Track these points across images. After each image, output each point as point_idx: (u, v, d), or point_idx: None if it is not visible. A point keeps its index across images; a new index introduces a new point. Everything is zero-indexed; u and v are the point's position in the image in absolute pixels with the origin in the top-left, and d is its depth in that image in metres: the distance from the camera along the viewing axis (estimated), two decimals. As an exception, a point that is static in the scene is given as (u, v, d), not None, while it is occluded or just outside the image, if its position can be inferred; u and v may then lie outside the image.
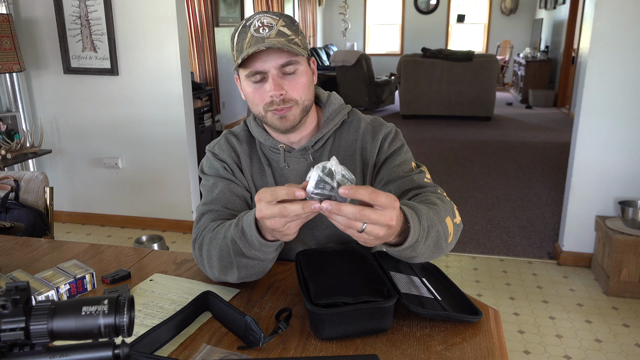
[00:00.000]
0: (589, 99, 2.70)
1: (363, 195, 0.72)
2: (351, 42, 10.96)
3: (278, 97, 1.03)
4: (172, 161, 3.36)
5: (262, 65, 1.01)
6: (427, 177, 1.11)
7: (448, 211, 0.98)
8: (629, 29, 2.57)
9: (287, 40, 1.00)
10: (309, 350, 0.86)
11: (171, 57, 3.15)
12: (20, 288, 0.48)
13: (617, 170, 2.76)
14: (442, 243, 0.93)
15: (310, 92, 1.09)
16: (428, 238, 0.88)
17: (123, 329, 0.50)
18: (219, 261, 0.99)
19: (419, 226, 0.85)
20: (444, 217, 0.95)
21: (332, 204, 0.73)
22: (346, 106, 1.20)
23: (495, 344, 0.87)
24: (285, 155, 1.15)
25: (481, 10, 10.49)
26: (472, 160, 5.15)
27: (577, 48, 7.05)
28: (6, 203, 1.85)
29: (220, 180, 1.15)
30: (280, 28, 1.01)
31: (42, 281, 1.04)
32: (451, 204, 1.02)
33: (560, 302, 2.57)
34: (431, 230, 0.89)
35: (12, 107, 3.34)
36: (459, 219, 1.03)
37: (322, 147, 1.16)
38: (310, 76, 1.09)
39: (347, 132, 1.18)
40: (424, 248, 0.88)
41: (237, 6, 6.72)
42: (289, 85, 1.04)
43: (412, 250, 0.87)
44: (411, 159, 1.16)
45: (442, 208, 0.97)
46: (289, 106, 1.05)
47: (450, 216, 0.98)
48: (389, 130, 1.17)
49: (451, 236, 0.97)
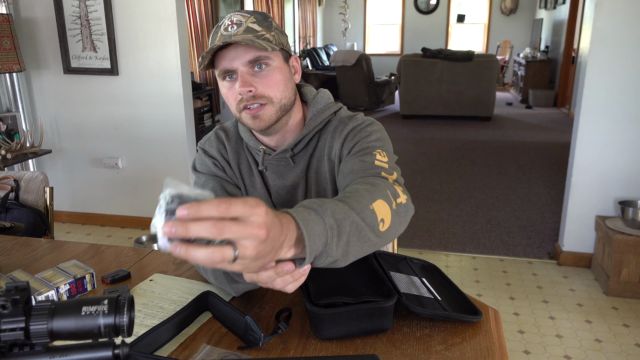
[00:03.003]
0: (589, 99, 2.70)
1: (209, 211, 0.54)
2: (351, 42, 10.96)
3: (246, 94, 0.98)
4: (172, 161, 3.36)
5: (230, 63, 0.97)
6: (377, 159, 0.98)
7: (379, 194, 0.82)
8: (629, 29, 2.57)
9: (255, 36, 0.95)
10: (309, 350, 0.86)
11: (171, 57, 3.15)
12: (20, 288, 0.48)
13: (617, 170, 2.76)
14: (367, 234, 0.76)
15: (287, 90, 1.03)
16: (342, 235, 0.71)
17: (123, 329, 0.50)
18: (215, 280, 1.03)
19: (323, 224, 0.68)
20: (369, 202, 0.79)
21: (180, 242, 0.54)
22: (334, 105, 1.12)
23: (495, 344, 0.87)
24: (265, 158, 1.11)
25: (481, 10, 10.49)
26: (472, 160, 5.15)
27: (577, 48, 7.05)
28: (6, 203, 1.85)
29: (211, 177, 1.13)
30: (250, 24, 0.97)
31: (42, 281, 1.04)
32: (391, 185, 0.88)
33: (560, 302, 2.57)
34: (343, 224, 0.72)
35: (12, 107, 3.34)
36: (404, 199, 0.88)
37: (304, 150, 1.11)
38: (286, 73, 1.03)
39: (327, 131, 1.10)
40: (340, 249, 0.71)
41: (237, 6, 6.72)
42: (260, 82, 0.98)
43: (327, 256, 0.69)
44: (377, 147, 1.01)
45: (369, 192, 0.82)
46: (262, 104, 0.99)
47: (383, 198, 0.82)
48: (358, 123, 1.06)
49: (386, 222, 0.80)
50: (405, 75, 7.02)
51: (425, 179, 4.52)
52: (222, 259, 0.55)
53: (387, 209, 0.81)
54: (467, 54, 6.88)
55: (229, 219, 0.54)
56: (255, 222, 0.56)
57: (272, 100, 1.00)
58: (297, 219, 0.65)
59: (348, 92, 7.85)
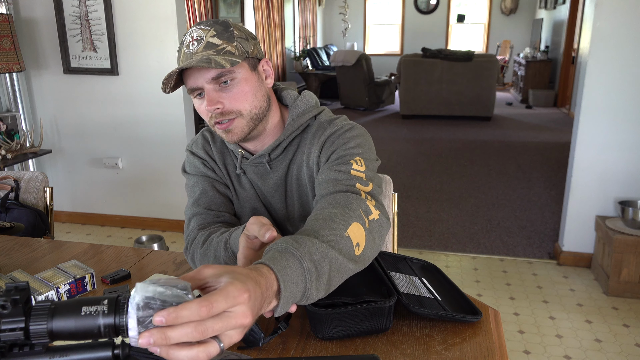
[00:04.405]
0: (589, 99, 2.70)
1: (191, 315, 0.51)
2: (351, 42, 10.96)
3: (214, 111, 0.97)
4: (172, 161, 3.35)
5: (195, 82, 0.96)
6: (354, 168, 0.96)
7: (352, 216, 0.84)
8: (629, 29, 2.57)
9: (215, 52, 0.94)
10: (309, 350, 0.86)
11: (171, 57, 3.15)
12: (20, 288, 0.48)
13: (617, 170, 2.76)
14: (345, 265, 0.78)
15: (257, 99, 1.01)
16: (321, 276, 0.72)
17: (123, 329, 0.50)
18: None
19: (302, 270, 0.69)
20: (344, 228, 0.81)
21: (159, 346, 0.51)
22: (315, 109, 1.08)
23: (495, 344, 0.87)
24: (242, 162, 1.10)
25: (481, 10, 10.49)
26: (472, 160, 5.15)
27: (577, 48, 7.05)
28: (6, 203, 1.85)
29: (201, 178, 1.13)
30: (210, 39, 0.95)
31: (42, 281, 1.04)
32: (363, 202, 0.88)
33: (560, 302, 2.57)
34: (322, 264, 0.73)
35: (12, 107, 3.34)
36: (377, 214, 0.88)
37: (282, 155, 1.08)
38: (254, 82, 1.00)
39: (306, 135, 1.08)
40: (321, 290, 0.73)
41: (237, 6, 6.72)
42: (227, 97, 0.97)
43: (307, 299, 0.71)
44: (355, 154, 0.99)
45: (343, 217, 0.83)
46: (232, 118, 0.99)
47: (357, 220, 0.83)
48: (337, 128, 1.03)
49: (361, 246, 0.82)
50: (405, 75, 7.02)
51: (425, 179, 4.52)
52: (207, 356, 0.52)
53: (361, 231, 0.83)
54: (467, 54, 6.88)
55: (209, 317, 0.52)
56: (239, 312, 0.54)
57: (242, 113, 0.99)
58: (275, 270, 0.65)
59: (348, 92, 7.85)
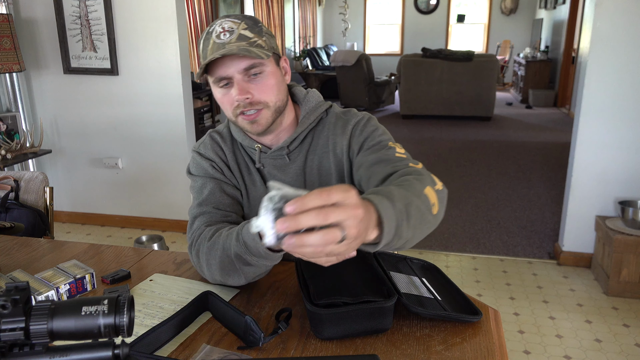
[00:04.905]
0: (589, 99, 2.70)
1: (314, 201, 0.61)
2: (351, 42, 10.96)
3: (244, 101, 1.01)
4: (172, 161, 3.36)
5: (226, 70, 1.00)
6: (397, 152, 1.05)
7: (426, 181, 0.91)
8: (629, 29, 2.57)
9: (248, 44, 0.98)
10: (309, 350, 0.86)
11: (171, 57, 3.15)
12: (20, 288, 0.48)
13: (617, 170, 2.76)
14: (427, 217, 0.85)
15: (280, 92, 1.06)
16: (410, 218, 0.79)
17: (123, 329, 0.50)
18: (220, 270, 0.98)
19: (393, 210, 0.75)
20: (422, 188, 0.87)
21: (292, 235, 0.62)
22: (325, 103, 1.17)
23: (495, 344, 0.87)
24: (261, 156, 1.13)
25: (481, 10, 10.49)
26: (472, 160, 5.15)
27: (577, 48, 7.05)
28: (6, 203, 1.85)
29: (209, 180, 1.13)
30: (242, 32, 1.00)
31: (42, 281, 1.04)
32: (427, 173, 0.97)
33: (560, 302, 2.57)
34: (410, 208, 0.80)
35: (12, 107, 3.34)
36: (441, 185, 0.95)
37: (299, 147, 1.14)
38: (279, 76, 1.06)
39: (323, 129, 1.15)
40: (410, 231, 0.79)
41: (237, 6, 6.72)
42: (256, 88, 1.02)
43: (399, 238, 0.77)
44: (387, 140, 1.09)
45: (417, 180, 0.90)
46: (259, 109, 1.03)
47: (430, 184, 0.91)
48: (359, 119, 1.14)
49: (436, 206, 0.89)
50: (405, 75, 7.02)
51: (425, 179, 4.51)
52: (333, 238, 0.61)
53: (433, 194, 0.90)
54: (467, 54, 6.88)
55: (329, 206, 0.62)
56: (351, 204, 0.63)
57: (268, 104, 1.04)
58: (374, 202, 0.72)
59: (348, 92, 7.85)
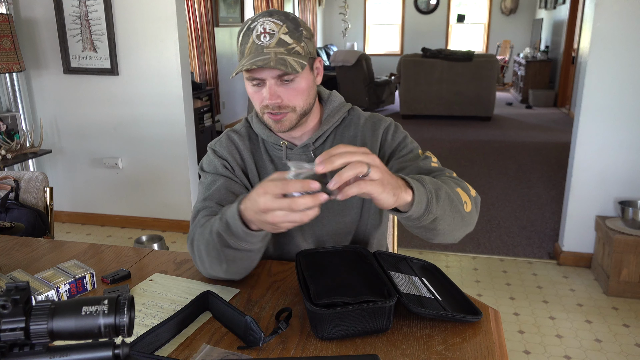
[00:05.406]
0: (589, 99, 2.70)
1: (337, 149, 0.77)
2: (351, 42, 10.96)
3: (273, 104, 1.04)
4: (172, 161, 3.36)
5: (260, 73, 1.02)
6: (433, 162, 1.14)
7: (459, 184, 1.02)
8: (629, 29, 2.57)
9: (286, 51, 1.00)
10: (309, 350, 0.86)
11: (171, 57, 3.15)
12: (20, 288, 0.48)
13: (617, 170, 2.76)
14: (459, 207, 0.96)
15: (310, 96, 1.09)
16: (440, 199, 0.90)
17: (123, 329, 0.50)
18: (207, 255, 0.98)
19: (424, 189, 0.88)
20: (454, 187, 0.98)
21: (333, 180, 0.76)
22: (347, 104, 1.22)
23: (495, 344, 0.87)
24: (287, 152, 1.16)
25: (481, 10, 10.49)
26: (472, 160, 5.15)
27: (577, 48, 7.05)
28: (6, 203, 1.85)
29: (219, 177, 1.14)
30: (282, 36, 1.00)
31: (42, 281, 1.04)
32: (462, 181, 1.05)
33: (560, 302, 2.57)
34: (440, 192, 0.91)
35: (12, 107, 3.34)
36: (474, 192, 1.05)
37: (323, 144, 1.18)
38: (311, 80, 1.08)
39: (348, 128, 1.20)
40: (440, 208, 0.90)
41: (237, 6, 6.72)
42: (286, 93, 1.04)
43: (428, 211, 0.89)
44: (417, 147, 1.19)
45: (452, 181, 1.01)
46: (285, 112, 1.06)
47: (463, 188, 1.01)
48: (388, 124, 1.21)
49: (469, 205, 0.99)
50: (405, 75, 7.02)
51: (425, 179, 4.52)
52: (361, 169, 0.76)
53: (466, 195, 1.00)
54: (467, 54, 6.88)
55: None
56: (369, 152, 0.78)
57: (295, 109, 1.07)
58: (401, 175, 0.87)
59: (348, 92, 7.84)
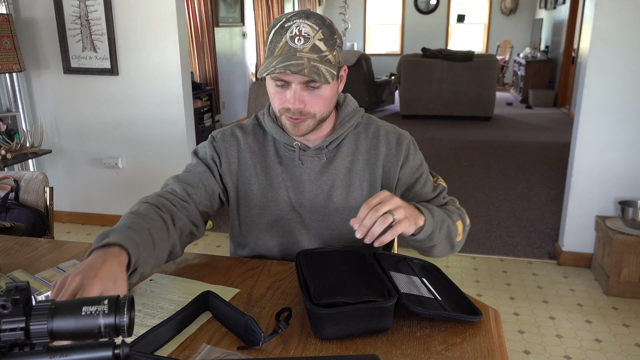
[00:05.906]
0: (589, 99, 2.70)
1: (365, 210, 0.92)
2: (351, 42, 10.96)
3: (296, 109, 1.04)
4: (172, 161, 3.35)
5: (287, 77, 1.01)
6: (444, 195, 1.22)
7: (461, 216, 1.17)
8: (629, 29, 2.57)
9: (319, 58, 0.99)
10: (309, 350, 0.86)
11: (171, 57, 3.15)
12: (20, 288, 0.48)
13: (617, 170, 2.76)
14: (453, 238, 1.12)
15: (331, 104, 1.09)
16: (441, 230, 1.07)
17: (123, 329, 0.50)
18: None
19: (432, 220, 1.03)
20: (456, 219, 1.13)
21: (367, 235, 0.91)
22: (362, 109, 1.22)
23: (495, 344, 0.87)
24: (300, 154, 1.16)
25: (481, 10, 10.49)
26: (472, 160, 5.15)
27: (577, 48, 7.05)
28: (6, 203, 1.85)
29: (201, 165, 1.18)
30: (317, 42, 0.99)
31: (42, 281, 1.04)
32: (462, 211, 1.20)
33: (560, 302, 2.57)
34: (443, 224, 1.07)
35: (12, 107, 3.34)
36: (468, 221, 1.20)
37: (336, 148, 1.18)
38: (335, 89, 1.08)
39: (365, 135, 1.19)
40: (439, 237, 1.07)
41: (237, 6, 6.72)
42: (310, 99, 1.04)
43: (430, 239, 1.05)
44: (428, 175, 1.23)
45: (455, 213, 1.16)
46: (305, 118, 1.06)
47: (462, 220, 1.16)
48: (409, 141, 1.23)
49: (460, 236, 1.15)
50: (405, 75, 7.02)
51: (425, 179, 4.51)
52: (388, 221, 0.91)
53: (462, 227, 1.16)
54: (467, 54, 6.88)
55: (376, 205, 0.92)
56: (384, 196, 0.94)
57: (315, 115, 1.07)
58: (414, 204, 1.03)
59: (348, 92, 7.72)
